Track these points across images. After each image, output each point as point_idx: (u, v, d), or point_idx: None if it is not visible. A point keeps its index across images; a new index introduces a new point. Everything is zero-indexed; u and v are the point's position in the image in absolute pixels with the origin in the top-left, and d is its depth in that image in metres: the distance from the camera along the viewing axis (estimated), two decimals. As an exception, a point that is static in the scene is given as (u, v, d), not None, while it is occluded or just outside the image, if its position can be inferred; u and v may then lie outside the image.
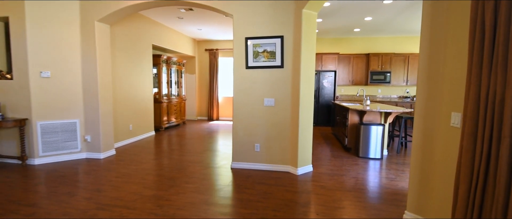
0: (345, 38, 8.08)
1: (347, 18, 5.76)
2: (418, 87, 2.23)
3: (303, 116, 3.43)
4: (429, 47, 2.13)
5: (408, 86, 7.95)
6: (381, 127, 4.30)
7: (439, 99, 2.03)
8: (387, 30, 7.06)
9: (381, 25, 6.40)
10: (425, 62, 2.16)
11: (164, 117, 6.61)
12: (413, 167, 2.28)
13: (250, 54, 3.51)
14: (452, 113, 1.89)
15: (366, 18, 5.83)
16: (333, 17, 5.67)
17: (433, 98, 2.09)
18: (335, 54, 7.60)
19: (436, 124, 2.07)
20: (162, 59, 6.52)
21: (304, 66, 3.36)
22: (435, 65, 2.07)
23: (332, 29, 6.89)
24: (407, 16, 5.57)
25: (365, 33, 7.47)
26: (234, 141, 3.68)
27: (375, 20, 5.97)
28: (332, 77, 7.71)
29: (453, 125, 1.88)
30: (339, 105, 5.55)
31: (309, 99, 3.48)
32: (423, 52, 2.18)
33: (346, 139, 4.80)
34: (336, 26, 6.61)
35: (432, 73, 2.10)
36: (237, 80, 3.58)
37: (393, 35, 7.68)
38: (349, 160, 4.21)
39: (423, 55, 2.18)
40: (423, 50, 2.18)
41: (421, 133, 2.21)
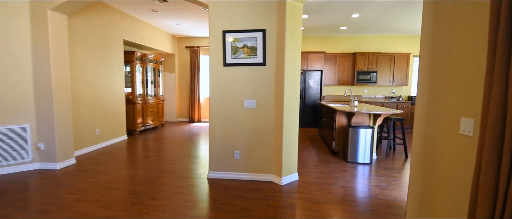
0: (332, 37, 7.84)
1: (334, 14, 5.49)
2: (419, 90, 1.93)
3: (288, 118, 3.08)
4: (431, 48, 1.84)
5: (394, 86, 7.83)
6: (370, 130, 4.04)
7: (444, 103, 1.72)
8: (373, 29, 6.87)
9: (368, 23, 6.19)
10: (427, 63, 1.87)
11: (138, 119, 6.07)
12: (413, 180, 1.97)
13: (228, 50, 3.11)
14: (462, 119, 1.58)
15: (353, 15, 5.57)
16: (320, 13, 5.38)
17: (437, 102, 1.78)
18: (321, 53, 7.34)
19: (440, 131, 1.76)
20: (136, 56, 5.98)
21: (289, 64, 3.00)
22: (439, 66, 1.77)
23: (318, 26, 6.61)
24: (394, 14, 5.37)
25: (351, 32, 7.26)
26: (211, 147, 3.27)
27: (362, 18, 5.74)
28: (318, 77, 7.44)
29: (463, 133, 1.57)
30: (326, 106, 5.26)
31: (295, 100, 3.13)
32: (425, 53, 1.89)
33: (334, 142, 4.50)
34: (323, 24, 6.34)
35: (435, 75, 1.80)
36: (213, 79, 3.18)
37: (379, 34, 7.52)
38: (337, 166, 3.90)
39: (425, 56, 1.89)
40: (425, 51, 1.89)
41: (422, 141, 1.90)
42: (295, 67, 3.08)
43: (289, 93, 3.05)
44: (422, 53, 1.92)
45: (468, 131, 1.54)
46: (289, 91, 3.05)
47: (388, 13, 5.36)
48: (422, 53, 1.92)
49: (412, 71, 7.78)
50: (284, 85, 2.99)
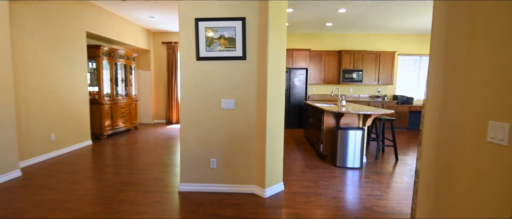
0: (317, 34, 7.56)
1: (320, 8, 5.16)
2: (430, 91, 1.60)
3: (272, 121, 2.68)
4: (445, 47, 1.52)
5: (379, 86, 7.68)
6: (360, 132, 3.73)
7: (464, 104, 1.38)
8: (359, 26, 6.65)
9: (354, 19, 5.94)
10: (439, 62, 1.55)
11: (106, 122, 5.44)
12: (423, 197, 1.63)
13: (202, 41, 2.65)
14: (491, 123, 1.24)
15: (340, 10, 5.28)
16: (305, 7, 5.03)
17: (454, 103, 1.44)
18: (307, 50, 7.02)
19: (459, 137, 1.42)
20: (103, 51, 5.35)
21: (273, 58, 2.60)
22: (455, 64, 1.44)
23: (303, 22, 6.28)
24: (380, 10, 5.13)
25: (337, 29, 7.00)
26: (182, 155, 2.80)
27: (348, 13, 5.46)
28: (304, 75, 7.12)
29: (492, 141, 1.24)
30: (313, 106, 4.93)
31: (279, 100, 2.73)
32: (437, 52, 1.57)
33: (321, 145, 4.16)
34: (308, 19, 6.01)
35: (450, 74, 1.48)
36: (185, 75, 2.71)
37: (365, 32, 7.33)
38: (326, 172, 3.56)
39: (437, 56, 1.57)
40: (437, 51, 1.57)
41: (434, 150, 1.56)
42: (280, 62, 2.68)
43: (273, 92, 2.65)
44: (434, 53, 1.59)
45: (501, 139, 1.20)
46: (273, 90, 2.65)
47: (374, 8, 5.11)
48: (433, 53, 1.60)
49: (397, 70, 7.66)
50: (267, 83, 2.59)
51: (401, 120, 7.24)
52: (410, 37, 7.52)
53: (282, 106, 2.78)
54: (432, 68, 1.58)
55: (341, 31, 7.26)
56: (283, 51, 2.70)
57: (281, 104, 2.77)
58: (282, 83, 2.76)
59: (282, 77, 2.75)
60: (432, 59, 1.59)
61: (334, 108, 4.07)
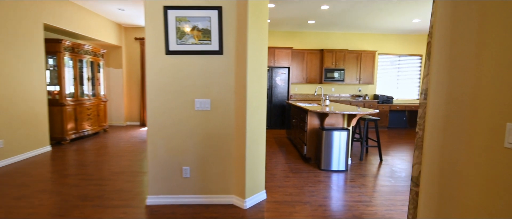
0: (299, 32, 7.40)
1: (302, 4, 4.96)
2: (432, 91, 1.40)
3: (253, 123, 2.40)
4: (449, 46, 1.33)
5: (361, 85, 7.67)
6: (345, 133, 3.55)
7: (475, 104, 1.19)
8: (341, 25, 6.56)
9: (336, 17, 5.82)
10: (444, 61, 1.36)
11: (69, 124, 4.89)
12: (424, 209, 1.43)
13: (172, 33, 2.32)
14: (509, 125, 1.05)
15: (322, 7, 5.12)
16: (288, 2, 4.81)
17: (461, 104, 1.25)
18: (289, 48, 6.83)
19: (468, 142, 1.22)
20: (64, 46, 4.79)
21: (253, 53, 2.32)
22: (462, 63, 1.25)
23: (285, 19, 6.07)
24: (363, 7, 5.03)
25: (319, 27, 6.87)
26: (151, 163, 2.44)
27: (331, 10, 5.32)
28: (286, 74, 6.93)
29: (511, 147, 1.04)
30: (296, 106, 4.72)
31: (261, 99, 2.46)
32: (441, 51, 1.39)
33: (305, 147, 3.95)
34: (290, 16, 5.80)
35: (457, 74, 1.29)
36: (152, 72, 2.36)
37: (346, 31, 7.27)
38: (311, 176, 3.34)
39: (440, 55, 1.38)
40: (440, 50, 1.39)
41: (437, 155, 1.36)
42: (261, 58, 2.41)
43: (253, 91, 2.37)
44: (437, 51, 1.40)
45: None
46: (253, 88, 2.37)
47: (356, 6, 5.00)
48: (436, 51, 1.40)
49: (377, 69, 7.68)
50: (247, 80, 2.30)
51: (382, 119, 7.26)
52: (389, 37, 7.57)
53: (263, 106, 2.51)
54: (435, 67, 1.39)
55: (323, 29, 7.14)
56: (264, 45, 2.43)
57: (262, 104, 2.50)
58: (264, 81, 2.49)
59: (264, 75, 2.48)
60: (435, 57, 1.40)
61: (317, 108, 3.88)
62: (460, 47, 1.27)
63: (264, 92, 2.51)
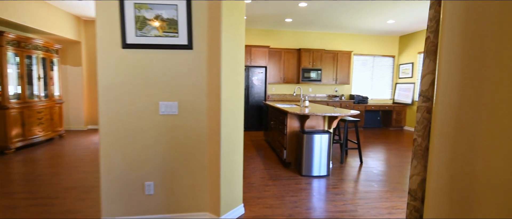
0: (276, 31, 7.20)
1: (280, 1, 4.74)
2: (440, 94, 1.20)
3: (229, 128, 2.09)
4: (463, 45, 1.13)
5: (337, 85, 7.66)
6: (326, 136, 3.37)
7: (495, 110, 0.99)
8: (318, 24, 6.46)
9: (313, 16, 5.69)
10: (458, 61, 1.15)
11: (13, 130, 4.20)
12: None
13: (130, 23, 1.93)
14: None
15: (300, 4, 4.94)
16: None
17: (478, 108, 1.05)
18: (266, 47, 6.59)
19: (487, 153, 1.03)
20: (7, 39, 4.11)
21: (229, 48, 2.01)
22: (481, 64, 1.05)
23: (262, 16, 5.82)
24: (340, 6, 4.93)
25: (296, 26, 6.72)
26: (105, 180, 2.03)
27: (309, 8, 5.16)
28: (263, 74, 6.68)
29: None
30: (274, 107, 4.47)
31: (237, 101, 2.16)
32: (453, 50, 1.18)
33: (285, 151, 3.71)
34: (267, 13, 5.56)
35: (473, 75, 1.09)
36: (105, 69, 1.95)
37: (323, 30, 7.21)
38: (292, 183, 3.11)
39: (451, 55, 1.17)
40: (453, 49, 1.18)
41: (448, 168, 1.16)
42: (238, 54, 2.11)
43: (229, 91, 2.06)
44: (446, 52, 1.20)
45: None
46: (229, 88, 2.06)
47: (334, 4, 4.88)
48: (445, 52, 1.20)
49: (353, 69, 7.73)
50: (222, 80, 1.99)
51: (359, 120, 7.30)
52: (364, 37, 7.65)
53: (240, 109, 2.21)
54: (444, 66, 1.18)
55: (300, 28, 7.01)
56: (241, 40, 2.13)
57: (239, 107, 2.20)
58: (241, 80, 2.19)
59: (241, 73, 2.18)
60: (444, 55, 1.19)
61: (297, 109, 3.66)
62: (476, 43, 1.07)
63: (241, 94, 2.21)
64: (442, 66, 1.17)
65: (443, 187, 1.18)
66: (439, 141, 1.19)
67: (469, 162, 1.08)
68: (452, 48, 1.14)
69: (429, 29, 1.50)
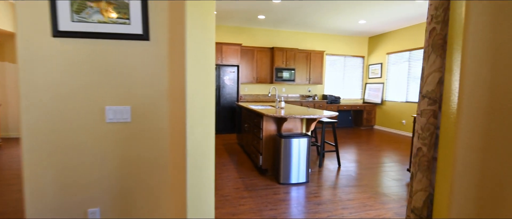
0: (249, 28, 6.90)
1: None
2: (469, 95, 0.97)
3: (197, 137, 1.72)
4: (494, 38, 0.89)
5: (311, 85, 7.59)
6: (305, 140, 3.14)
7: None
8: (291, 22, 6.29)
9: (287, 13, 5.49)
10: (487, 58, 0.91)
11: None
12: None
13: (62, 4, 1.48)
14: None
15: (274, 0, 4.69)
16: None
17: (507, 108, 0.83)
18: (238, 45, 6.26)
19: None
20: None
21: (195, 40, 1.65)
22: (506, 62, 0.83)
23: (234, 12, 5.47)
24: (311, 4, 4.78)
25: (269, 24, 6.48)
26: (31, 206, 1.55)
27: (283, 5, 4.93)
28: (235, 73, 6.34)
29: None
30: (248, 109, 4.16)
31: (208, 104, 1.80)
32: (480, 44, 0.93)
33: (261, 157, 3.42)
34: (239, 8, 5.23)
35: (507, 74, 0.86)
36: (28, 63, 1.47)
37: (296, 29, 7.07)
38: (269, 193, 2.82)
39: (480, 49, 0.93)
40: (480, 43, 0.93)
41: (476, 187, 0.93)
42: (207, 49, 1.75)
43: (197, 93, 1.70)
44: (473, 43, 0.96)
45: None
46: (197, 90, 1.70)
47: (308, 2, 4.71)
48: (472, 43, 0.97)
49: (325, 69, 7.72)
50: (187, 79, 1.62)
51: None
52: (336, 38, 7.67)
53: (211, 114, 1.86)
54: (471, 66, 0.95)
55: (273, 27, 6.79)
56: (210, 31, 1.77)
57: (210, 111, 1.84)
58: (211, 79, 1.84)
59: (211, 71, 1.83)
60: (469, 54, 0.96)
61: (272, 111, 3.39)
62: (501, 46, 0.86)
63: (212, 95, 1.86)
64: (469, 64, 0.94)
65: (468, 191, 0.95)
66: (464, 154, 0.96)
67: (507, 180, 0.86)
68: (480, 42, 0.91)
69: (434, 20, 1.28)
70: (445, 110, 1.16)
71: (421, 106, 1.36)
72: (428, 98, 1.29)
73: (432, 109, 1.27)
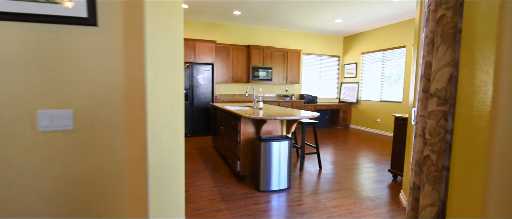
0: (223, 25, 6.57)
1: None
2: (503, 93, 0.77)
3: (161, 147, 1.40)
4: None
5: (288, 84, 7.46)
6: (286, 143, 2.93)
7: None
8: (267, 20, 6.08)
9: (263, 9, 5.27)
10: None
11: None
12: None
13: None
14: None
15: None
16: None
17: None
18: (212, 42, 5.91)
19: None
20: None
21: (158, 26, 1.33)
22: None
23: (207, 6, 5.13)
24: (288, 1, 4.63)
25: (245, 21, 6.22)
26: None
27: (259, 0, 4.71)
28: (209, 72, 5.98)
29: None
30: (224, 110, 3.86)
31: (175, 106, 1.49)
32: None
33: (239, 162, 3.15)
34: (213, 3, 4.90)
35: None
36: None
37: (273, 27, 6.89)
38: (249, 203, 2.56)
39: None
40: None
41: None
42: (174, 39, 1.44)
43: (162, 93, 1.38)
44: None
45: None
46: (161, 88, 1.38)
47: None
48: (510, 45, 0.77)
49: (302, 68, 7.63)
50: (147, 75, 1.30)
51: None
52: (313, 37, 7.62)
53: (180, 117, 1.54)
54: (508, 63, 0.77)
55: (249, 24, 6.53)
56: (179, 18, 1.46)
57: (178, 113, 1.52)
58: (179, 76, 1.52)
59: (179, 67, 1.51)
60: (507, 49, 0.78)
61: (250, 112, 3.13)
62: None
63: (181, 96, 1.55)
64: (507, 58, 0.75)
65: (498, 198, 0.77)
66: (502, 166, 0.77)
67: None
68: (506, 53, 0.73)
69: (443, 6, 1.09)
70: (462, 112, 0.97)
71: (428, 107, 1.16)
72: (437, 98, 1.10)
73: (442, 110, 1.08)
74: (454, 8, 1.05)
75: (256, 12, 5.49)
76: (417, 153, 1.26)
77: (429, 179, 1.13)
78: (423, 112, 1.22)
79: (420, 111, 1.24)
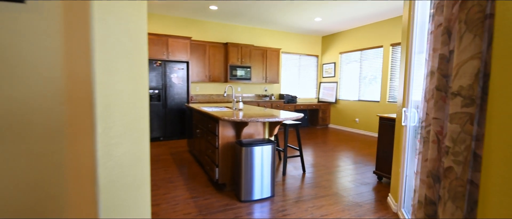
0: (200, 21, 6.21)
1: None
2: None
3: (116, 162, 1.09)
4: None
5: (267, 84, 7.26)
6: (269, 147, 2.69)
7: None
8: (246, 17, 5.83)
9: (241, 6, 5.01)
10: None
11: None
12: None
13: None
14: None
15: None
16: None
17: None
18: (187, 39, 5.53)
19: None
20: None
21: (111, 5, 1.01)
22: None
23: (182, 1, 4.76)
24: None
25: (222, 17, 5.91)
26: None
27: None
28: (184, 70, 5.59)
29: None
30: (201, 112, 3.53)
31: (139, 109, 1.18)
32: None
33: (217, 170, 2.85)
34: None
35: None
36: None
37: (252, 25, 6.65)
38: (229, 215, 2.28)
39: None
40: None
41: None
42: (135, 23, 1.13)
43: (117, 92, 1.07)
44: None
45: None
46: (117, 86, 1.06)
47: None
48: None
49: (281, 68, 7.48)
50: (93, 66, 0.98)
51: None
52: (292, 35, 7.49)
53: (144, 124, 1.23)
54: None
55: (227, 20, 6.23)
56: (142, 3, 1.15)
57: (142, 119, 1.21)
58: (143, 71, 1.21)
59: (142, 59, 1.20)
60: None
61: (230, 114, 2.86)
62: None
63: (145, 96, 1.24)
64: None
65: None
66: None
67: None
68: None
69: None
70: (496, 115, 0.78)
71: (450, 108, 0.96)
72: (461, 97, 0.89)
73: (469, 112, 0.88)
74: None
75: (234, 7, 5.21)
76: (431, 161, 1.07)
77: (451, 195, 0.93)
78: (438, 113, 1.02)
79: (433, 112, 1.04)
